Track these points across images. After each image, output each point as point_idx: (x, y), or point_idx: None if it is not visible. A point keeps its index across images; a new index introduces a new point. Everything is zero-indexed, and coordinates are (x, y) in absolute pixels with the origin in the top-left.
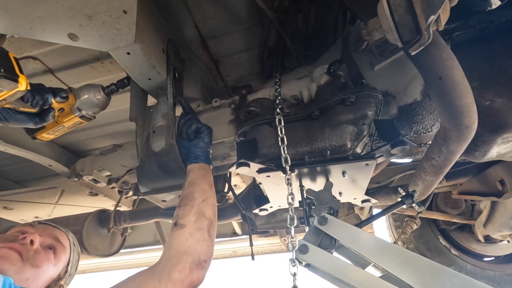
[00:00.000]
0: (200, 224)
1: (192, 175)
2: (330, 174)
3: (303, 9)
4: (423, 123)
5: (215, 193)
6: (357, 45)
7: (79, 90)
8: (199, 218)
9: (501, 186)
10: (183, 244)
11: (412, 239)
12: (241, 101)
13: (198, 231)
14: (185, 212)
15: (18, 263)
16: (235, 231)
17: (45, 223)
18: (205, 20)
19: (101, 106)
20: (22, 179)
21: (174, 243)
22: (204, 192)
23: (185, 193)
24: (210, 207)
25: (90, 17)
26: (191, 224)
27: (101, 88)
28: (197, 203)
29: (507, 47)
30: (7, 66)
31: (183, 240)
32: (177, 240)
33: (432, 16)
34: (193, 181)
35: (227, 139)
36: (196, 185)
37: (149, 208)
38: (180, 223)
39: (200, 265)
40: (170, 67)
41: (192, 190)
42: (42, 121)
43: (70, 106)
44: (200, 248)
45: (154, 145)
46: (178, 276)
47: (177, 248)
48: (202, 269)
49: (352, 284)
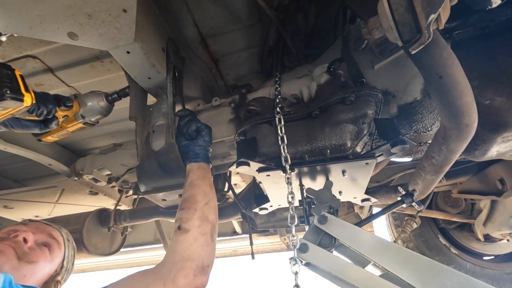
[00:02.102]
0: (203, 228)
1: (192, 175)
2: (330, 173)
3: (303, 7)
4: (423, 122)
5: (215, 195)
6: (357, 44)
7: (84, 98)
8: (202, 223)
9: (501, 185)
10: (188, 249)
11: (412, 238)
12: (241, 100)
13: (202, 236)
14: (189, 216)
15: (14, 259)
16: (235, 230)
17: (37, 221)
18: (205, 19)
19: (104, 114)
20: (22, 178)
21: (179, 248)
22: (206, 195)
23: (187, 195)
24: (213, 210)
25: (89, 16)
26: (195, 228)
27: (104, 96)
28: (200, 207)
29: (507, 46)
30: (13, 86)
31: (187, 245)
32: (182, 245)
33: (433, 15)
34: (194, 183)
35: (227, 138)
36: (197, 187)
37: (149, 207)
38: (184, 227)
39: (204, 270)
40: (170, 66)
41: (194, 192)
42: (46, 128)
43: (74, 114)
44: (204, 253)
45: (154, 144)
46: (183, 282)
47: (181, 253)
48: (205, 274)
49: (352, 283)
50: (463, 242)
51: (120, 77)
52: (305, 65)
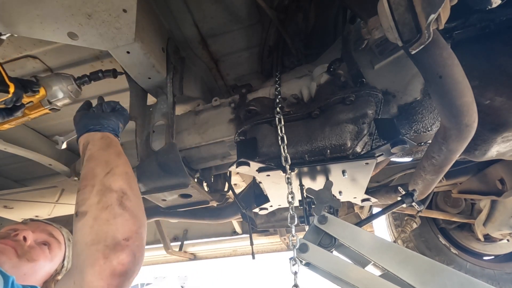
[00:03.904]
0: (105, 201)
1: (91, 147)
2: (330, 173)
3: (303, 7)
4: (423, 122)
5: (126, 161)
6: (357, 44)
7: (49, 81)
8: (103, 196)
9: (501, 185)
10: (89, 233)
11: (412, 238)
12: (241, 100)
13: (104, 211)
14: (85, 195)
15: (14, 257)
16: (235, 230)
17: (37, 220)
18: (205, 18)
19: (73, 98)
20: (22, 178)
21: (79, 237)
22: (108, 164)
23: (84, 173)
24: (118, 178)
25: (89, 16)
26: (93, 207)
27: (73, 79)
28: (98, 180)
29: (507, 46)
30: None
31: (87, 230)
32: (81, 232)
33: (433, 15)
34: (93, 155)
35: (227, 138)
36: (96, 159)
37: (149, 207)
38: (81, 211)
39: (119, 246)
40: (170, 66)
41: (92, 165)
42: (10, 116)
43: (40, 99)
44: (112, 227)
45: (154, 144)
46: (92, 272)
47: (83, 241)
48: (122, 250)
49: (352, 283)
50: (463, 242)
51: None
52: (305, 65)
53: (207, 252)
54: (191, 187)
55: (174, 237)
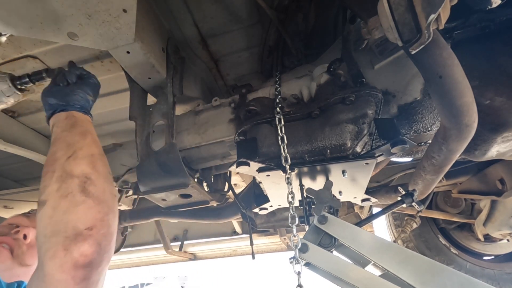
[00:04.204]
0: (65, 189)
1: (55, 129)
2: (330, 173)
3: (303, 7)
4: (423, 122)
5: (93, 141)
6: (357, 44)
7: None
8: (63, 182)
9: (501, 185)
10: (48, 224)
11: (412, 238)
12: (241, 100)
13: (64, 199)
14: (46, 183)
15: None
16: (235, 230)
17: None
18: (205, 19)
19: (11, 102)
20: (22, 178)
21: (40, 228)
22: (71, 146)
23: (46, 159)
24: (81, 161)
25: (89, 16)
26: (53, 195)
27: (10, 78)
28: (59, 165)
29: (507, 46)
30: None
31: (47, 220)
32: (41, 223)
33: (433, 15)
34: (57, 137)
35: (227, 138)
36: (59, 142)
37: (149, 207)
38: (40, 200)
39: (80, 236)
40: (170, 66)
41: (54, 149)
42: None
43: None
44: (73, 217)
45: (154, 144)
46: (52, 265)
47: (43, 233)
48: (84, 240)
49: (352, 283)
50: (463, 242)
51: (120, 77)
52: (305, 65)
53: (207, 252)
54: (191, 187)
55: (174, 237)
